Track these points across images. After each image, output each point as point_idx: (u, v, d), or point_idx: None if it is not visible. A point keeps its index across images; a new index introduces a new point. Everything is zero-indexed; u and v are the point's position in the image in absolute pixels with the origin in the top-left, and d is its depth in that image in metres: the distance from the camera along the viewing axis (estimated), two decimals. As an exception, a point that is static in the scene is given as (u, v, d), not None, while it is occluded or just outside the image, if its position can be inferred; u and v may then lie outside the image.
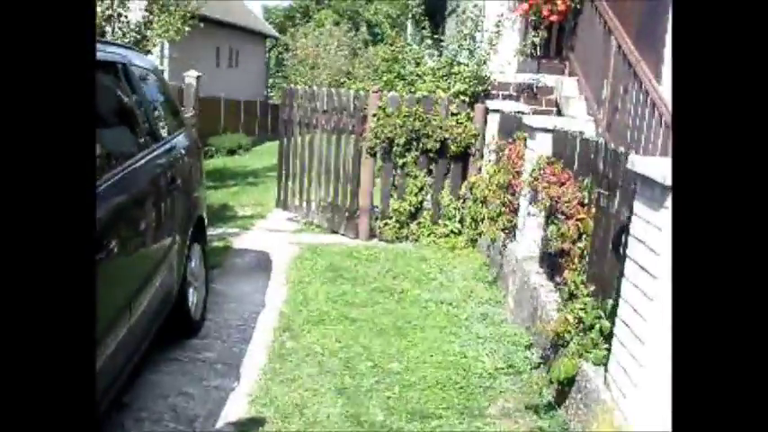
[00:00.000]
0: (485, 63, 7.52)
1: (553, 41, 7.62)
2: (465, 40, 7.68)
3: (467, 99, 7.60)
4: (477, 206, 7.29)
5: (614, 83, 6.38)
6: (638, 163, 2.97)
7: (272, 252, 7.28)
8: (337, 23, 31.88)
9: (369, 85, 10.84)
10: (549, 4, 7.04)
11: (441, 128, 7.45)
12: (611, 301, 3.68)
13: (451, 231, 7.68)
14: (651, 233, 2.91)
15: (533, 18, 7.36)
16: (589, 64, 7.05)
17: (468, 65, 7.61)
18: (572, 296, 4.16)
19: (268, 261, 6.99)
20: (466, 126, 7.52)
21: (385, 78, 9.01)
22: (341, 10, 41.32)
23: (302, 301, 5.74)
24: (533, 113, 7.49)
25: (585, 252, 4.12)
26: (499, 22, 7.35)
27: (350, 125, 7.74)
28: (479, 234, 7.40)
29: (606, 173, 3.92)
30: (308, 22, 35.60)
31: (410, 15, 12.10)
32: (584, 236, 4.13)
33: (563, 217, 4.32)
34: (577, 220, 4.17)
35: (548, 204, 4.57)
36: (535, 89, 7.83)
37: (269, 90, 34.18)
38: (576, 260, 4.19)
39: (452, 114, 7.55)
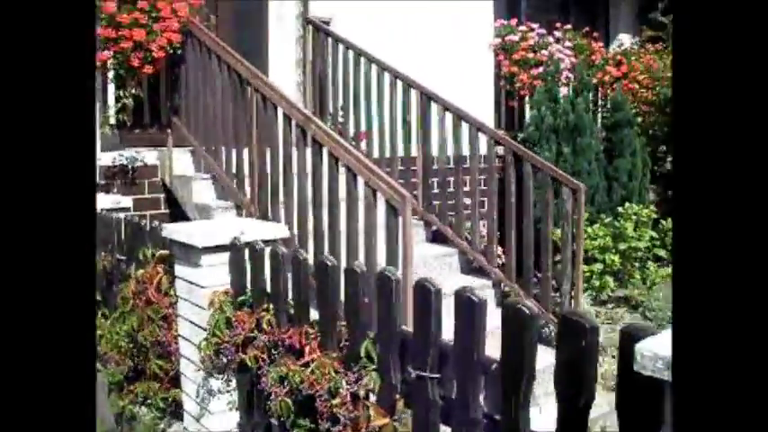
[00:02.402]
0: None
1: (147, 102, 5.38)
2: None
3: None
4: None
5: (262, 151, 4.46)
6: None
7: None
8: None
9: None
10: (140, 51, 4.80)
11: None
12: None
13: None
14: None
15: (118, 71, 5.01)
16: (210, 128, 5.00)
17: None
18: None
19: None
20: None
21: None
22: None
23: None
24: (134, 203, 5.28)
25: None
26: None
27: None
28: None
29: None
30: None
31: None
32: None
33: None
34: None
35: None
36: (132, 171, 5.48)
37: None
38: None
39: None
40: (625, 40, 9.89)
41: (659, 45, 9.37)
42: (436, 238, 5.62)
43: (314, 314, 2.54)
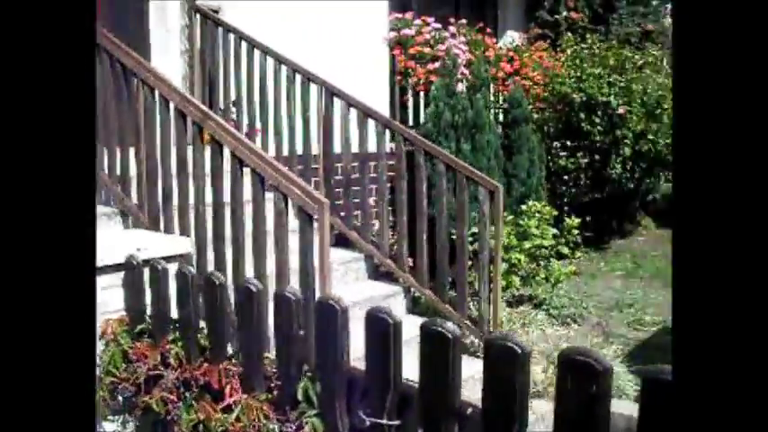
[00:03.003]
0: None
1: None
2: None
3: None
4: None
5: (151, 150, 3.98)
6: None
7: None
8: None
9: None
10: (1, 34, 4.18)
11: None
12: None
13: None
14: None
15: None
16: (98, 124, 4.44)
17: None
18: None
19: None
20: None
21: None
22: None
23: None
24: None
25: None
26: None
27: None
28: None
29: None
30: None
31: None
32: None
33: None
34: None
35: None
36: None
37: None
38: None
39: None
40: (514, 37, 9.94)
41: (547, 42, 9.46)
42: (340, 241, 5.31)
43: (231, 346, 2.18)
